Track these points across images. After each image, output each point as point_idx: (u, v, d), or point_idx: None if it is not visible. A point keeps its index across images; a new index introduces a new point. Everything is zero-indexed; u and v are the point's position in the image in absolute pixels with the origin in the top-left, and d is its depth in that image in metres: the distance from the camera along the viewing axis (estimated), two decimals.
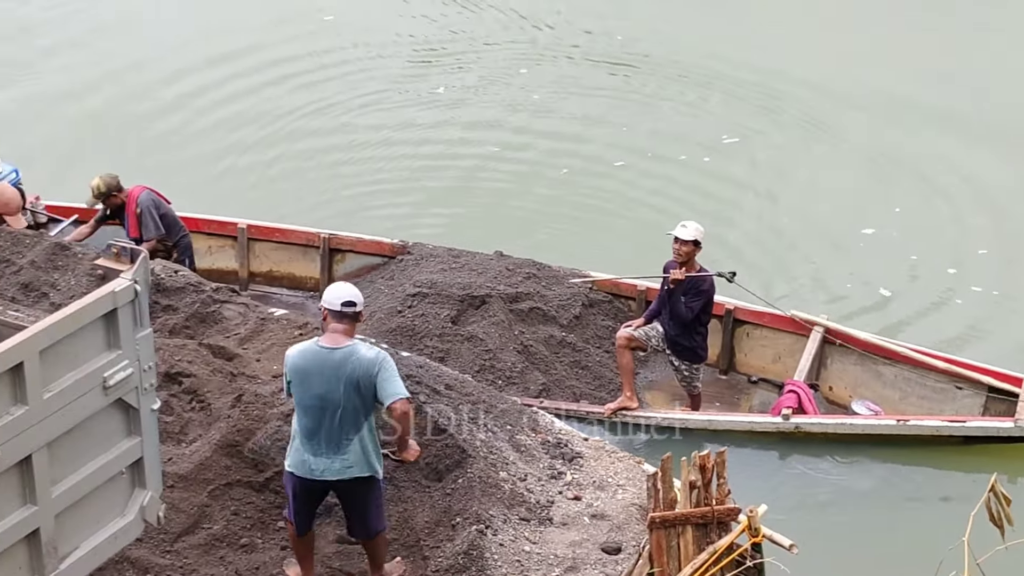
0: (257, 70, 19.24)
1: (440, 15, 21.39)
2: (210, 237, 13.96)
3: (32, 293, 11.35)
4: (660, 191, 16.37)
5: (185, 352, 10.13)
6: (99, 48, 19.86)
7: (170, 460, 9.04)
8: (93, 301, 6.84)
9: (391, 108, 18.42)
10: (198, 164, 16.89)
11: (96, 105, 18.26)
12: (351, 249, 13.76)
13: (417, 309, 12.46)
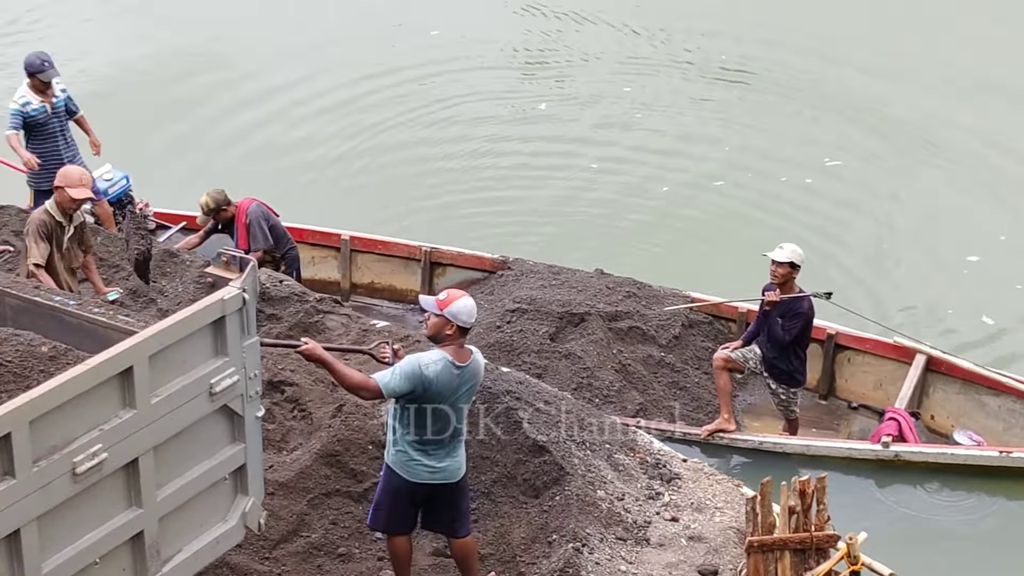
0: (366, 84, 19.38)
1: (547, 29, 21.43)
2: (314, 247, 14.09)
3: (140, 298, 11.52)
4: (762, 211, 16.27)
5: (288, 361, 10.21)
6: (201, 59, 20.11)
7: (271, 468, 9.11)
8: (202, 308, 6.92)
9: (495, 122, 18.47)
10: (301, 174, 17.04)
11: (201, 114, 18.49)
12: (452, 263, 13.82)
13: (516, 325, 12.48)
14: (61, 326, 7.76)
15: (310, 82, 19.45)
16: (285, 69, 19.78)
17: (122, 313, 7.83)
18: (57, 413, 6.23)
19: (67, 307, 7.83)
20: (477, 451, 9.34)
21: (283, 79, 19.51)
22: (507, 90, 19.41)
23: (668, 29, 21.10)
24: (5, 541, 6.10)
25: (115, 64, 19.88)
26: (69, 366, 6.73)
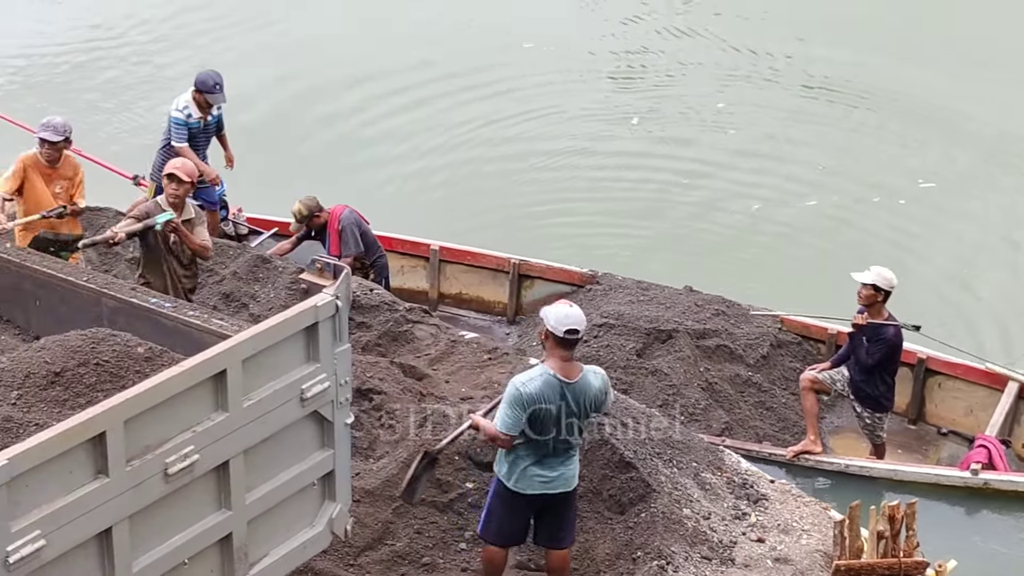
0: (457, 96, 19.45)
1: (642, 42, 21.40)
2: (403, 257, 14.14)
3: (233, 303, 11.63)
4: (856, 231, 16.14)
5: (377, 369, 10.25)
6: (293, 66, 20.29)
7: (358, 475, 9.15)
8: (296, 314, 6.96)
9: (587, 136, 18.47)
10: (392, 183, 17.14)
11: (295, 121, 18.64)
12: (540, 276, 13.82)
13: (603, 340, 12.45)
14: (156, 328, 7.84)
15: (405, 92, 19.52)
16: (379, 77, 19.89)
17: (217, 317, 7.89)
18: (151, 414, 6.29)
19: (163, 309, 7.91)
20: None
21: (377, 88, 19.62)
22: (599, 102, 19.40)
23: (763, 44, 20.99)
24: (97, 538, 6.16)
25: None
26: (164, 367, 6.79)
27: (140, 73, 20.08)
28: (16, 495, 5.75)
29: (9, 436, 6.37)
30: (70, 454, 5.97)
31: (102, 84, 19.73)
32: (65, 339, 7.07)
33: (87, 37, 21.20)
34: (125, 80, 19.88)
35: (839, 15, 21.71)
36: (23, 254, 8.86)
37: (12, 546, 5.73)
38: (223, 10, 22.10)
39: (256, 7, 22.13)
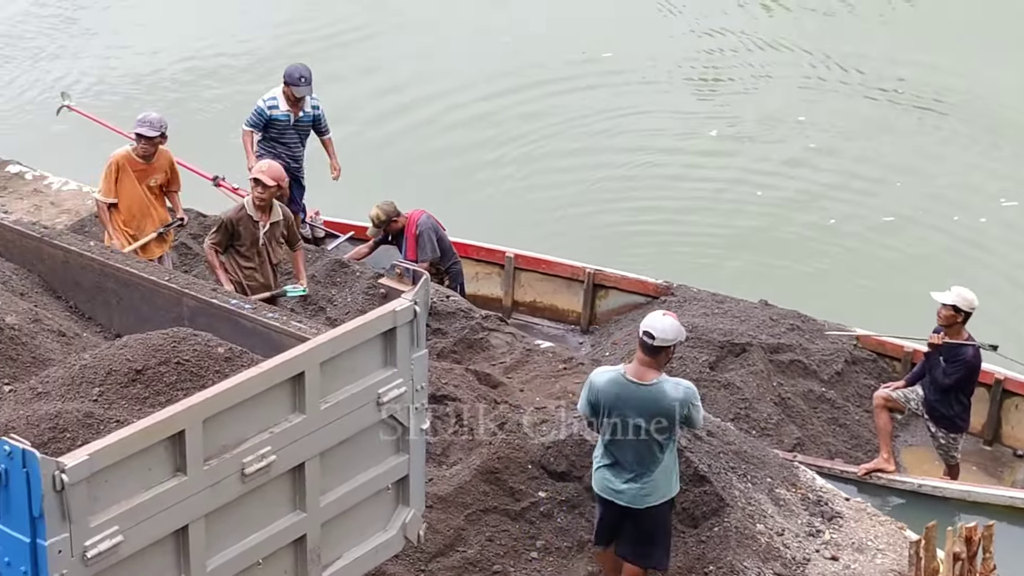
0: (536, 104, 19.47)
1: (724, 53, 21.33)
2: (478, 263, 14.17)
3: (310, 307, 11.70)
4: (933, 248, 16.00)
5: (452, 376, 10.28)
6: (369, 71, 20.42)
7: (431, 481, 9.17)
8: (375, 318, 6.99)
9: (663, 149, 18.43)
10: (468, 189, 17.18)
11: (371, 125, 18.75)
12: (615, 286, 13.80)
13: (676, 351, 12.37)
14: (236, 329, 7.90)
15: (485, 100, 19.58)
16: (459, 85, 19.96)
17: (295, 319, 7.95)
18: (230, 414, 6.34)
19: (243, 310, 7.97)
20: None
21: (457, 95, 19.68)
22: (678, 112, 19.36)
23: (847, 57, 20.83)
24: (174, 536, 6.22)
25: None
26: (243, 368, 6.84)
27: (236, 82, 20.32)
28: (96, 490, 5.81)
29: (90, 432, 6.44)
30: (149, 451, 6.02)
31: (203, 93, 19.99)
32: (147, 338, 7.14)
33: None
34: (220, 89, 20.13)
35: (935, 23, 21.52)
36: (107, 252, 8.95)
37: (90, 541, 5.79)
38: (320, 23, 22.28)
39: (347, 20, 22.28)
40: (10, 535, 5.70)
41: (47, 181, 14.90)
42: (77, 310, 8.87)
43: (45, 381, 6.97)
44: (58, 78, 19.78)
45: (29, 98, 19.48)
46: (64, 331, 8.02)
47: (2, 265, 8.83)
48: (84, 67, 20.51)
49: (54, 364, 7.32)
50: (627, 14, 22.37)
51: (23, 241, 9.12)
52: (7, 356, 7.33)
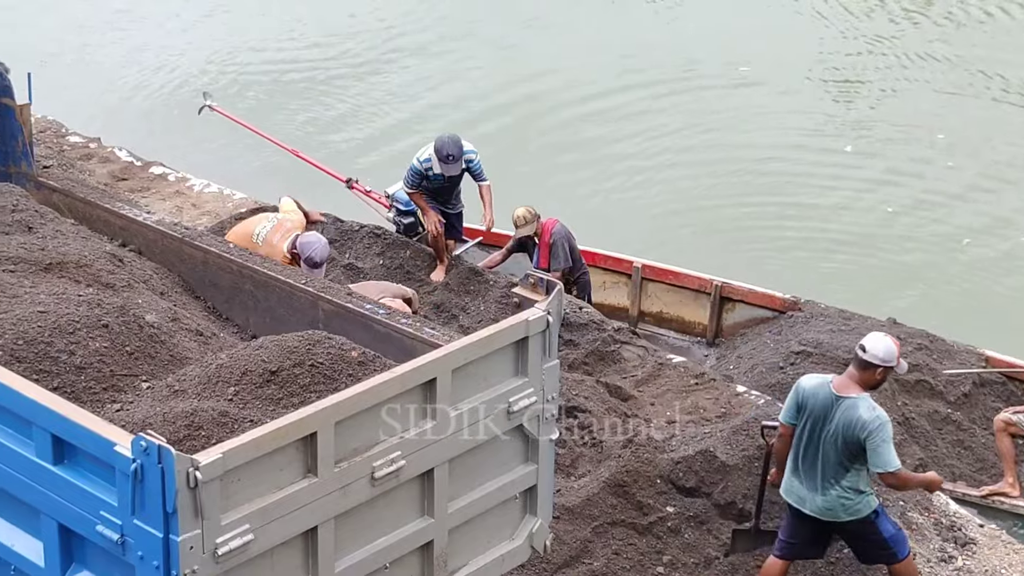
0: (669, 116, 19.47)
1: (858, 59, 21.12)
2: (605, 272, 14.15)
3: (443, 314, 11.76)
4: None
5: (583, 388, 10.27)
6: (502, 78, 20.53)
7: (559, 492, 9.16)
8: (507, 327, 6.98)
9: (796, 160, 18.35)
10: (597, 197, 17.22)
11: (503, 133, 18.91)
12: (742, 300, 13.69)
13: (799, 367, 12.20)
14: (370, 333, 7.95)
15: (616, 110, 19.69)
16: (592, 94, 20.05)
17: (428, 326, 7.98)
18: (361, 417, 6.37)
19: (377, 315, 8.02)
20: (768, 496, 9.21)
21: (590, 104, 19.78)
22: (813, 125, 19.20)
23: (991, 64, 20.50)
24: (303, 537, 6.26)
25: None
26: (376, 372, 6.87)
27: (371, 81, 20.54)
28: (228, 489, 5.87)
29: (224, 431, 6.51)
30: (282, 452, 6.07)
31: (335, 90, 20.25)
32: (282, 339, 7.21)
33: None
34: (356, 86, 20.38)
35: None
36: (245, 255, 9.07)
37: (221, 538, 5.85)
38: (454, 23, 22.47)
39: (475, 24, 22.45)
40: (144, 530, 5.79)
41: (189, 183, 15.16)
42: (215, 310, 9.00)
43: (182, 379, 7.07)
44: (195, 76, 20.22)
45: (175, 100, 19.86)
46: (202, 331, 8.13)
47: (143, 264, 8.99)
48: (223, 65, 20.90)
49: (191, 363, 7.42)
50: (767, 19, 22.23)
51: (164, 241, 9.27)
52: (146, 354, 7.44)
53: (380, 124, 19.47)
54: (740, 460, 9.54)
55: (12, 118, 9.80)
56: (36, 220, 8.79)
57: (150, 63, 21.18)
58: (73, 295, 7.62)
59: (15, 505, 6.46)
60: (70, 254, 8.31)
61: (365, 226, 13.11)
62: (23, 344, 7.11)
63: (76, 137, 16.16)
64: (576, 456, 9.79)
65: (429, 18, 22.71)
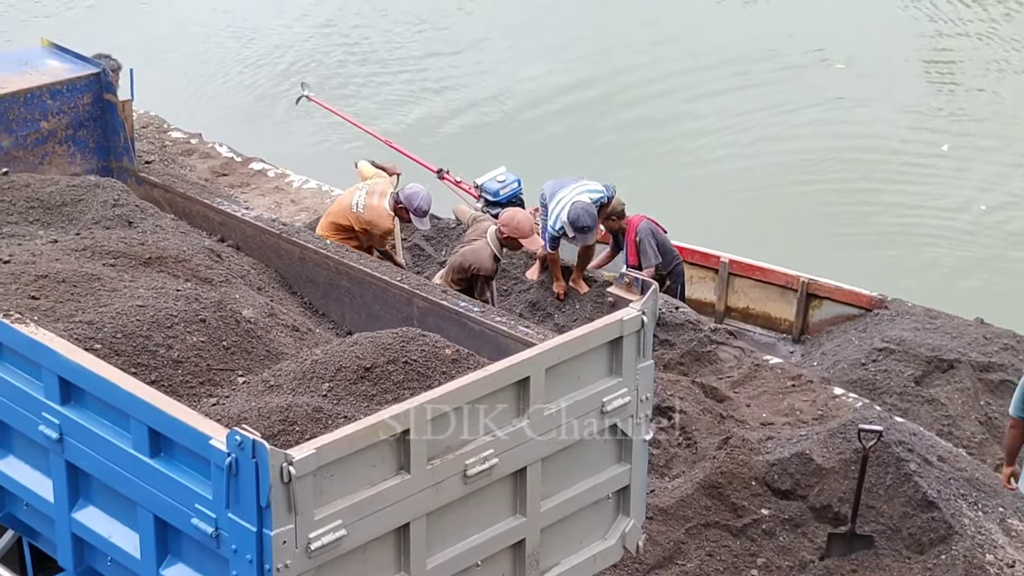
0: (761, 114, 19.35)
1: (958, 56, 20.89)
2: (692, 267, 14.06)
3: (538, 312, 11.75)
4: None
5: (678, 388, 10.22)
6: (583, 69, 20.52)
7: (652, 492, 9.12)
8: (602, 327, 6.96)
9: (891, 158, 18.17)
10: (687, 191, 17.16)
11: (585, 126, 18.90)
12: (829, 296, 13.55)
13: (881, 364, 12.09)
14: (464, 331, 7.97)
15: (706, 104, 19.66)
16: (681, 87, 20.04)
17: (522, 324, 7.97)
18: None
19: (471, 313, 8.03)
20: (864, 500, 9.11)
21: (678, 100, 19.77)
22: (909, 122, 18.99)
23: None
24: (395, 533, 6.28)
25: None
26: (469, 370, 6.88)
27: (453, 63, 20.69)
28: (321, 484, 5.90)
29: (318, 426, 6.55)
30: (375, 448, 6.10)
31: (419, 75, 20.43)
32: (377, 336, 7.24)
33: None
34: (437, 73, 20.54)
35: None
36: (342, 251, 9.12)
37: (314, 533, 5.88)
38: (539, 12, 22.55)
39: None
40: (238, 523, 5.83)
41: (288, 179, 15.28)
42: (311, 306, 9.06)
43: (277, 374, 7.12)
44: (297, 72, 20.43)
45: (273, 98, 20.05)
46: (298, 326, 8.19)
47: (241, 260, 9.07)
48: (325, 60, 21.09)
49: (287, 358, 7.47)
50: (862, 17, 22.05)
51: (262, 237, 9.34)
52: (243, 348, 7.50)
53: (467, 116, 19.59)
54: (837, 463, 9.44)
55: (115, 114, 9.93)
56: (137, 215, 8.89)
57: (251, 58, 21.38)
58: (172, 290, 7.70)
59: (113, 497, 6.55)
60: (169, 249, 8.40)
61: (461, 223, 13.13)
62: (122, 338, 7.19)
63: (178, 133, 16.34)
64: (670, 456, 9.75)
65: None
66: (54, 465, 6.78)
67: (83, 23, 21.77)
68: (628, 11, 22.50)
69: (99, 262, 8.06)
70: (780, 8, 22.72)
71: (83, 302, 7.54)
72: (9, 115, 9.52)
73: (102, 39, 17.59)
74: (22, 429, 6.92)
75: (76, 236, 8.44)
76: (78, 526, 6.75)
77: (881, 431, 9.17)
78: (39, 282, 7.63)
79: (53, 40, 10.24)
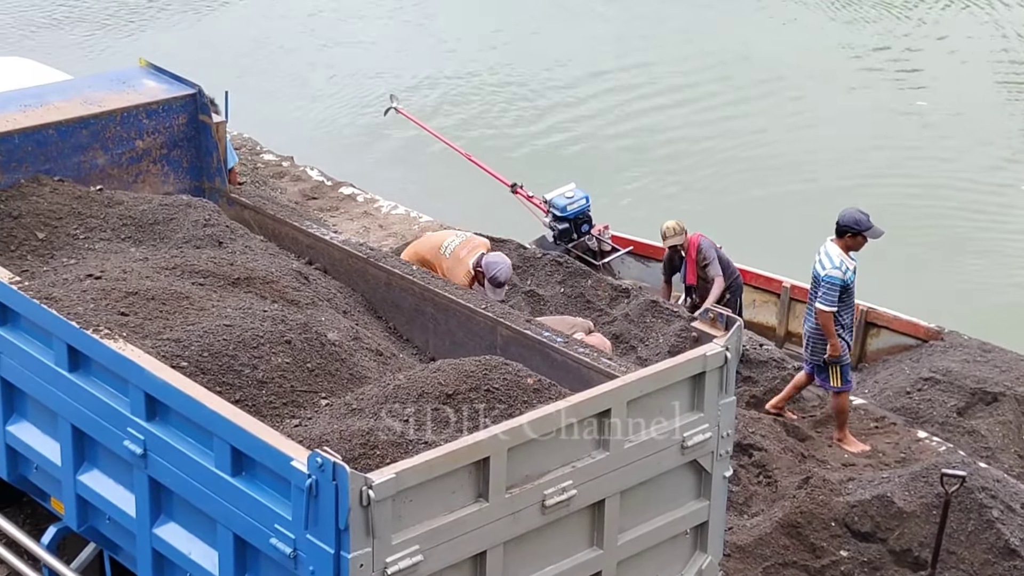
0: (832, 143, 19.31)
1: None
2: (755, 291, 14.02)
3: (622, 344, 11.72)
4: None
5: (759, 426, 10.16)
6: (669, 86, 20.55)
7: (731, 529, 9.07)
8: (684, 362, 6.96)
9: (961, 186, 18.05)
10: (749, 213, 17.11)
11: (653, 144, 18.93)
12: (887, 326, 13.40)
13: (926, 393, 11.90)
14: (546, 361, 7.97)
15: (768, 124, 19.61)
16: (749, 109, 20.03)
17: (605, 356, 7.96)
18: (535, 445, 6.39)
19: (555, 343, 8.03)
20: (945, 546, 9.00)
21: (745, 121, 19.74)
22: (986, 162, 18.85)
23: None
24: (471, 560, 6.31)
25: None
26: (551, 400, 6.89)
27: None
28: (400, 509, 5.93)
29: (399, 451, 6.57)
30: (454, 475, 6.13)
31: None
32: (459, 363, 7.26)
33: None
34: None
35: None
36: (428, 278, 9.16)
37: (392, 557, 5.92)
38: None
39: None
40: (316, 545, 5.87)
41: (377, 204, 15.37)
42: (395, 331, 9.10)
43: (360, 398, 7.16)
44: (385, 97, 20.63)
45: (363, 124, 20.20)
46: (382, 351, 8.22)
47: (328, 283, 9.13)
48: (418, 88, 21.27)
49: (370, 382, 7.51)
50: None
51: (349, 261, 9.41)
52: (327, 371, 7.55)
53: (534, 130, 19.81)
54: (918, 507, 9.34)
55: (209, 135, 10.04)
56: (227, 235, 8.98)
57: (345, 84, 21.57)
58: (258, 310, 7.76)
59: (193, 514, 6.62)
60: (257, 270, 8.47)
61: (548, 254, 13.16)
62: (208, 356, 7.27)
63: (270, 155, 16.50)
64: (750, 494, 9.69)
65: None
66: (137, 480, 6.87)
67: (183, 45, 22.08)
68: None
69: (188, 281, 8.15)
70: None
71: (171, 320, 7.62)
72: (105, 133, 9.65)
73: (200, 56, 17.93)
74: (107, 443, 7.02)
75: (166, 254, 8.54)
76: (159, 541, 6.83)
77: (964, 476, 9.06)
78: (129, 299, 7.73)
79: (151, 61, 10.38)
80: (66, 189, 9.14)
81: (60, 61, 15.17)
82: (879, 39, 22.70)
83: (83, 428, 7.19)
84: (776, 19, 23.63)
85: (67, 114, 9.50)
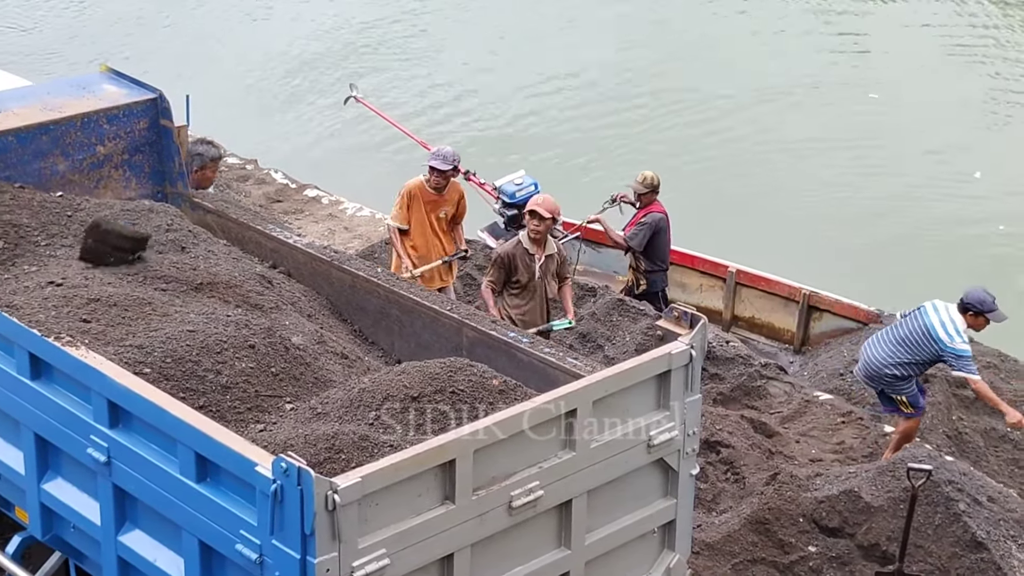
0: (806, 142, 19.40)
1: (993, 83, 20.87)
2: (703, 276, 14.18)
3: (588, 344, 11.73)
4: None
5: (726, 423, 10.18)
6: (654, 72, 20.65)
7: (699, 527, 9.07)
8: (649, 360, 6.96)
9: (918, 182, 18.20)
10: (756, 217, 17.16)
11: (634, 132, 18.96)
12: (828, 309, 13.60)
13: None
14: (512, 361, 7.95)
15: (767, 120, 19.63)
16: (740, 106, 20.10)
17: (571, 356, 7.96)
18: (501, 446, 6.38)
19: (520, 344, 8.02)
20: (913, 540, 9.03)
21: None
22: (938, 149, 18.94)
23: None
24: (439, 563, 6.29)
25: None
26: (516, 401, 6.88)
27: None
28: (366, 513, 5.91)
29: (364, 455, 6.55)
30: (420, 478, 6.11)
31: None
32: (424, 365, 7.24)
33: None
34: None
35: None
36: (392, 280, 9.14)
37: (358, 562, 5.90)
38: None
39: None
40: (282, 550, 5.85)
41: (342, 206, 15.34)
42: (361, 334, 9.07)
43: (325, 402, 7.13)
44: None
45: (328, 127, 20.16)
46: (347, 354, 8.20)
47: (292, 287, 9.09)
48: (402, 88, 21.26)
49: (335, 386, 7.48)
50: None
51: (313, 264, 9.37)
52: (291, 375, 7.52)
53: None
54: (885, 501, 9.37)
55: (170, 139, 9.99)
56: (189, 240, 8.93)
57: (307, 86, 21.51)
58: (222, 315, 7.73)
59: (158, 521, 6.59)
60: (221, 274, 8.43)
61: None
62: (171, 362, 7.22)
63: (234, 159, 16.44)
64: (718, 492, 9.70)
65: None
66: (101, 488, 6.83)
67: (160, 51, 21.99)
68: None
69: (151, 287, 8.11)
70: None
71: (134, 326, 7.57)
72: (66, 139, 9.58)
73: (169, 65, 17.85)
74: (71, 451, 6.98)
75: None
76: (124, 549, 6.80)
77: (931, 470, 9.09)
78: (91, 305, 7.68)
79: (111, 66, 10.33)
80: (27, 196, 9.06)
81: (19, 69, 15.10)
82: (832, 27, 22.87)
83: (46, 436, 7.14)
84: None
85: (27, 120, 9.43)
